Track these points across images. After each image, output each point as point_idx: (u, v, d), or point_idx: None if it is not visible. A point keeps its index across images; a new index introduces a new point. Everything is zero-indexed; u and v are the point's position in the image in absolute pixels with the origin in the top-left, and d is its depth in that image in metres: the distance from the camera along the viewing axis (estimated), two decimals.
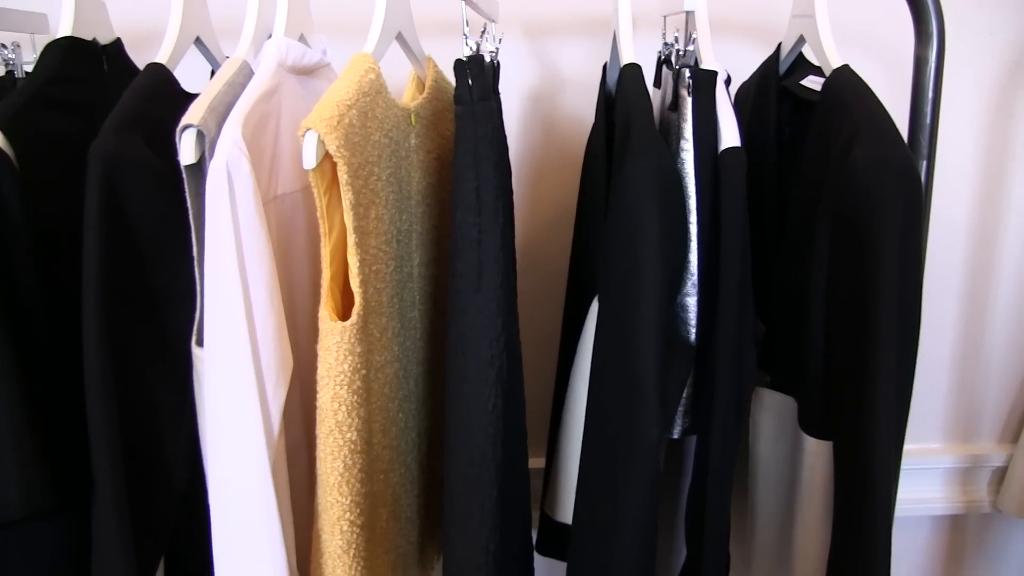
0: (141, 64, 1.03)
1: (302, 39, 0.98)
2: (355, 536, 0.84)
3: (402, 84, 1.03)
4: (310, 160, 0.78)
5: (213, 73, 1.05)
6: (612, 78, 1.09)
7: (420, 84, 1.05)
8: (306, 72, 0.95)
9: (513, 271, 0.94)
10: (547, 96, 1.24)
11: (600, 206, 1.07)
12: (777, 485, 1.05)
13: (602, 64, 1.11)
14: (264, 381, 0.79)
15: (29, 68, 1.05)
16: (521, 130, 1.29)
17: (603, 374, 0.89)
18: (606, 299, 0.90)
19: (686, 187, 0.89)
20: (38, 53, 1.05)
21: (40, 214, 0.85)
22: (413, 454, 0.97)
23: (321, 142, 0.78)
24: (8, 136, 0.82)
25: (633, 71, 0.91)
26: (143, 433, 0.84)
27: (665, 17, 1.10)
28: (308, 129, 0.78)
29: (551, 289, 1.24)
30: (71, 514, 0.86)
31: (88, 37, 0.96)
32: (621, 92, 0.91)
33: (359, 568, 0.85)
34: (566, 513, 1.09)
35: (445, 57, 0.97)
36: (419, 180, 0.97)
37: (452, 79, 0.96)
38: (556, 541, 1.17)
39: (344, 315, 0.82)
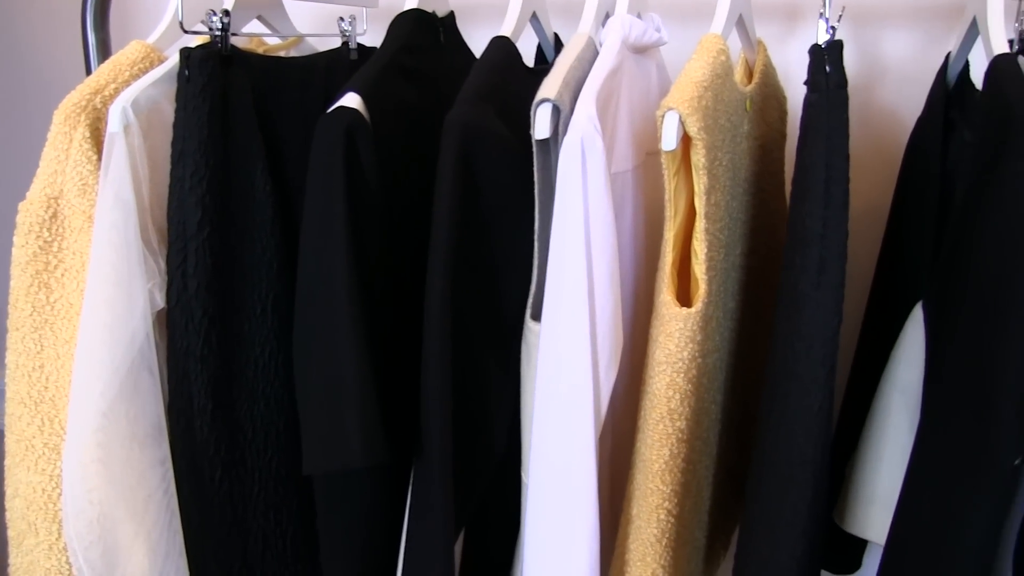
0: (467, 35, 1.06)
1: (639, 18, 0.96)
2: (669, 526, 0.83)
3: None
4: (671, 141, 0.76)
5: (539, 49, 1.06)
6: (955, 70, 1.01)
7: (747, 69, 1.01)
8: (641, 51, 0.93)
9: None
10: (862, 86, 1.17)
11: (929, 207, 1.00)
12: None
13: (934, 54, 1.03)
14: (598, 362, 0.79)
15: (360, 39, 1.09)
16: None
17: (949, 388, 0.83)
18: (966, 309, 0.83)
19: None
20: (366, 26, 1.10)
21: (384, 177, 0.88)
22: (715, 447, 0.95)
23: (682, 123, 0.76)
24: (367, 102, 0.85)
25: (1011, 62, 0.83)
26: (471, 399, 0.85)
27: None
28: (669, 109, 0.76)
29: (849, 289, 1.17)
30: (385, 467, 0.89)
31: (429, 10, 0.98)
32: (995, 85, 0.84)
33: (668, 558, 0.84)
34: (859, 525, 1.04)
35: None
36: (746, 168, 0.93)
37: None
38: (837, 552, 1.12)
39: (679, 301, 0.81)
